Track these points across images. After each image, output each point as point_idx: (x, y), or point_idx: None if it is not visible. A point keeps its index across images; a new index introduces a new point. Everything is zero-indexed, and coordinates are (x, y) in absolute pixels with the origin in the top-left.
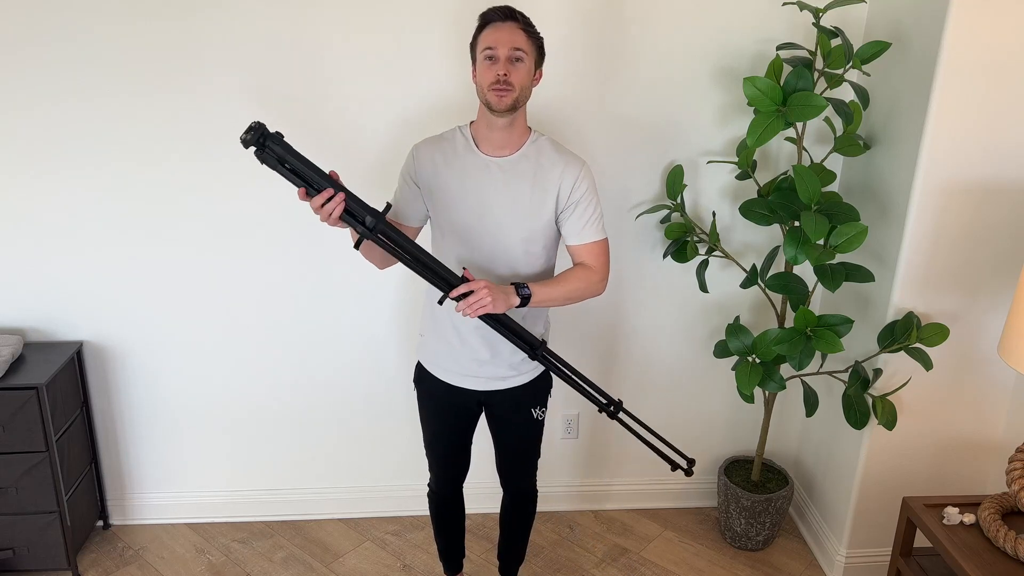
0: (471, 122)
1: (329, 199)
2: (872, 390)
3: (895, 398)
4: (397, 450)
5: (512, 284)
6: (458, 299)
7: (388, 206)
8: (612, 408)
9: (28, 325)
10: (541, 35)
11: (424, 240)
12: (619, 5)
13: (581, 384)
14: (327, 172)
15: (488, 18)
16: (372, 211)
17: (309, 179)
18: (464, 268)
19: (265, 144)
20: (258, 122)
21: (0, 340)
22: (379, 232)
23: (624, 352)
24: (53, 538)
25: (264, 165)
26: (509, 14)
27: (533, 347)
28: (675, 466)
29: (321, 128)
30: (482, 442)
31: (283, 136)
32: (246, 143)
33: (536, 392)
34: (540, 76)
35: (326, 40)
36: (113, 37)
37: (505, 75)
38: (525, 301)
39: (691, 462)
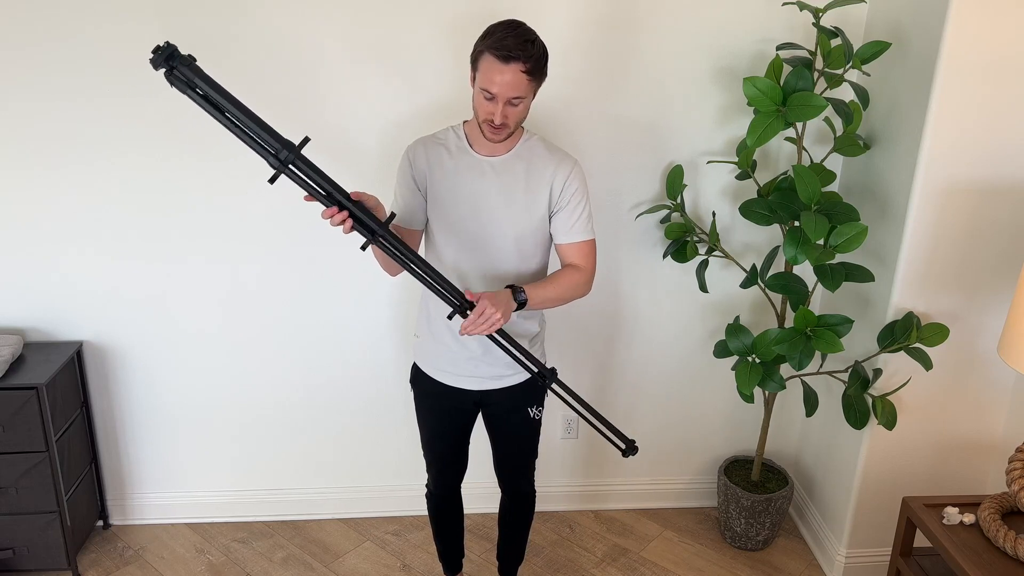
0: (464, 121)
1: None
2: (872, 390)
3: (895, 398)
4: (397, 450)
5: (508, 287)
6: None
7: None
8: (544, 378)
9: (28, 325)
10: (545, 55)
11: None
12: (619, 5)
13: (512, 350)
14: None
15: (491, 49)
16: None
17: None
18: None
19: (174, 68)
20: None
21: (0, 340)
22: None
23: (624, 352)
24: (53, 538)
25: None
26: (513, 56)
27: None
28: (616, 445)
29: (320, 128)
30: (481, 441)
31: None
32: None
33: (532, 391)
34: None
35: (326, 40)
36: (113, 37)
37: (501, 121)
38: (522, 305)
39: (630, 444)
